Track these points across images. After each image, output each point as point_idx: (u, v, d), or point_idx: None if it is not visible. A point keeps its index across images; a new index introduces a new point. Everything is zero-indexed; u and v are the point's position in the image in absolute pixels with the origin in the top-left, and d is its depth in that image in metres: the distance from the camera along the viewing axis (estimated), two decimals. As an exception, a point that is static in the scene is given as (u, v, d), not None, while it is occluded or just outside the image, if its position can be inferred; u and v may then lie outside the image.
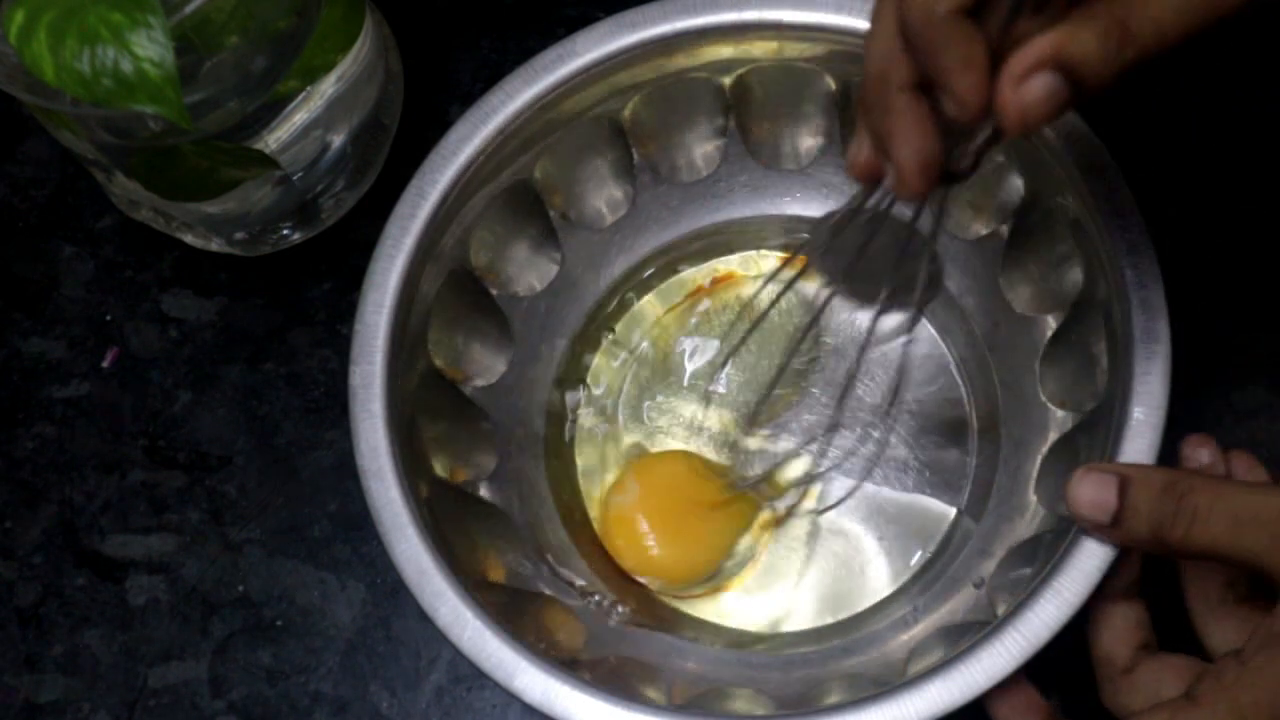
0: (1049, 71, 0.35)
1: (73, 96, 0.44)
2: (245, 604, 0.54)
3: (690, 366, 0.55)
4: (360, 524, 0.54)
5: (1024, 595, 0.43)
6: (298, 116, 0.52)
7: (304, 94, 0.52)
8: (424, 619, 0.50)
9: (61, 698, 0.53)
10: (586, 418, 0.55)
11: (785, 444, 0.53)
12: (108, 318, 0.58)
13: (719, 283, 0.56)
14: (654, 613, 0.52)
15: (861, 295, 0.46)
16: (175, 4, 0.45)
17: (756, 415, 0.53)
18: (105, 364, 0.58)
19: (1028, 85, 0.35)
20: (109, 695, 0.53)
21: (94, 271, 0.59)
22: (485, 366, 0.53)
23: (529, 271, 0.54)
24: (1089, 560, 0.43)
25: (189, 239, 0.56)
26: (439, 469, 0.50)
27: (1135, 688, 0.43)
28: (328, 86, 0.53)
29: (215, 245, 0.56)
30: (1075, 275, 0.49)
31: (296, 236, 0.57)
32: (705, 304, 0.56)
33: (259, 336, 0.57)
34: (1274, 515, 0.40)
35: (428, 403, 0.50)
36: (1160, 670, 0.43)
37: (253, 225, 0.55)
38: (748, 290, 0.56)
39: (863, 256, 0.44)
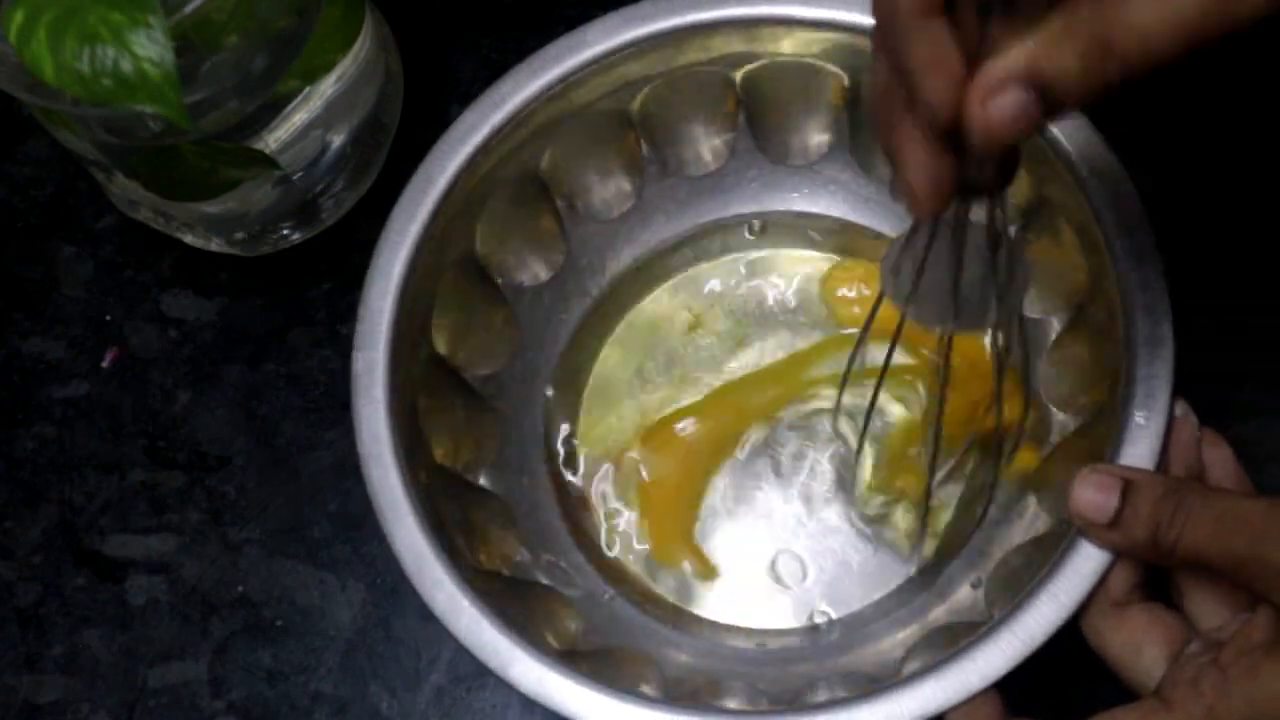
0: (1021, 87, 0.32)
1: (73, 96, 0.44)
2: (245, 604, 0.54)
3: (696, 358, 0.55)
4: (360, 524, 0.54)
5: (1020, 597, 0.43)
6: (298, 116, 0.52)
7: (304, 94, 0.52)
8: (424, 619, 0.50)
9: (61, 698, 0.53)
10: (588, 409, 0.55)
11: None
12: (108, 318, 0.58)
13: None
14: (650, 606, 0.52)
15: (933, 314, 0.42)
16: (175, 4, 0.45)
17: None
18: (105, 364, 0.58)
19: (997, 100, 0.32)
20: (109, 695, 0.53)
21: (94, 271, 0.59)
22: (489, 355, 0.53)
23: (534, 261, 0.55)
24: (1086, 563, 0.43)
25: (189, 239, 0.56)
26: (440, 456, 0.50)
27: (1120, 625, 0.43)
28: (328, 86, 0.53)
29: (215, 245, 0.56)
30: (1080, 278, 0.49)
31: (296, 236, 0.57)
32: (715, 302, 0.56)
33: (259, 336, 0.57)
34: (1255, 519, 0.39)
35: (430, 390, 0.50)
36: (1150, 623, 0.42)
37: (253, 225, 0.55)
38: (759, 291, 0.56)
39: (931, 276, 0.41)
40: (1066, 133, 0.47)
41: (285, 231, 0.56)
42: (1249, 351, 0.54)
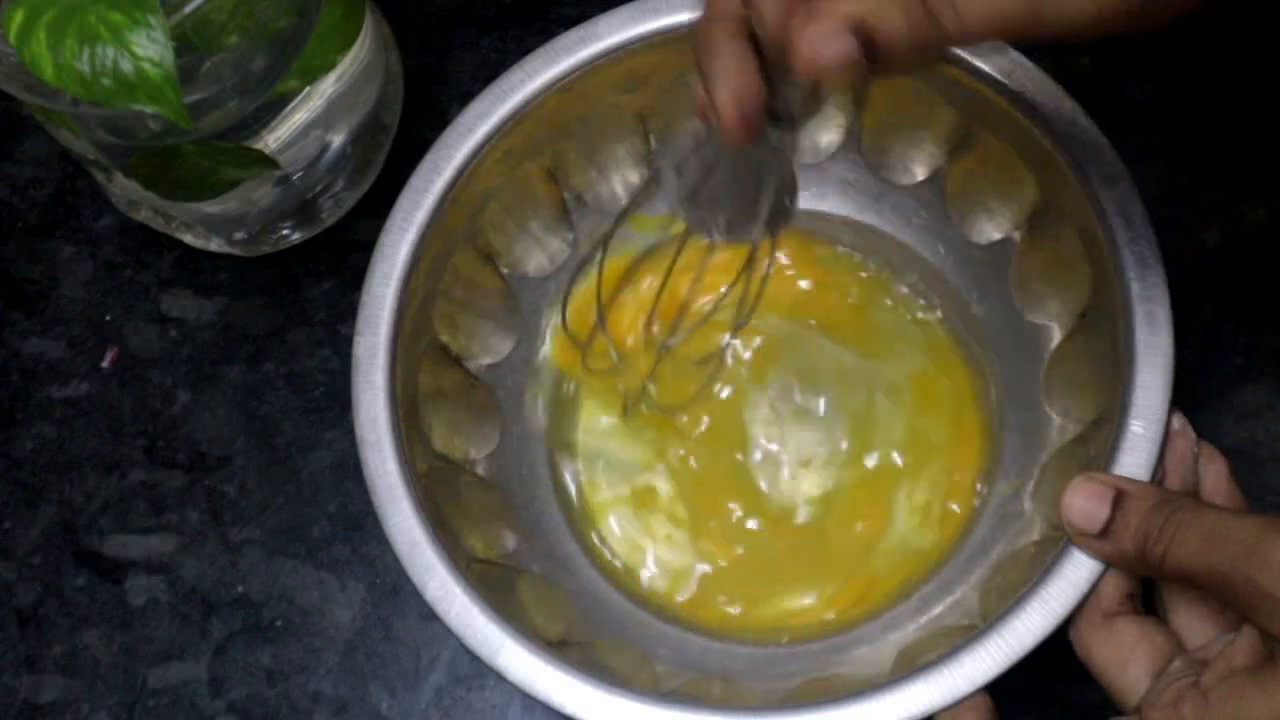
0: (849, 32, 0.35)
1: (73, 96, 0.44)
2: (245, 604, 0.54)
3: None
4: (360, 524, 0.54)
5: (1012, 602, 0.43)
6: (298, 116, 0.52)
7: (304, 94, 0.52)
8: (424, 619, 0.50)
9: (61, 698, 0.53)
10: (589, 399, 0.55)
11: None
12: (107, 318, 0.58)
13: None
14: (643, 599, 0.52)
15: (702, 219, 0.45)
16: (175, 4, 0.45)
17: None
18: (105, 364, 0.58)
19: (824, 40, 0.35)
20: (109, 695, 0.53)
21: (94, 271, 0.59)
22: (491, 344, 0.53)
23: (540, 251, 0.55)
24: (1078, 571, 0.43)
25: (189, 239, 0.56)
26: (439, 444, 0.50)
27: (1108, 637, 0.43)
28: (328, 86, 0.53)
29: (215, 245, 0.56)
30: (1082, 285, 0.49)
31: (296, 236, 0.57)
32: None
33: (259, 336, 0.57)
34: (1242, 538, 0.39)
35: (431, 377, 0.50)
36: (1137, 637, 0.42)
37: (253, 225, 0.55)
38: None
39: (711, 184, 0.43)
40: (1073, 137, 0.47)
41: (285, 231, 0.56)
42: (1249, 352, 0.54)
